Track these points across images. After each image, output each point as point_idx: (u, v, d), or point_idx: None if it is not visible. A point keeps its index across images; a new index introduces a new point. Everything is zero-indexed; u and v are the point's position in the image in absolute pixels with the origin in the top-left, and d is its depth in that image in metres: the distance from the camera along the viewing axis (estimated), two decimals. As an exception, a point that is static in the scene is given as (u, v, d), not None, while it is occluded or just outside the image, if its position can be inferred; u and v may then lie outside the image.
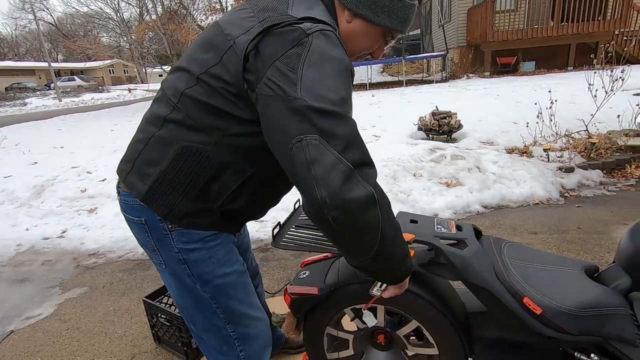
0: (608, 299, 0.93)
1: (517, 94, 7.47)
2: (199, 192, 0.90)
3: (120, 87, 31.13)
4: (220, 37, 0.84)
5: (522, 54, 11.82)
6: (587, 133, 4.21)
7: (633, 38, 10.81)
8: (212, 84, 0.83)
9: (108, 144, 6.11)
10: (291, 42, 0.75)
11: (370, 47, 0.94)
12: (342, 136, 0.72)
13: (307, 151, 0.70)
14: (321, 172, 0.69)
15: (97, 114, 11.99)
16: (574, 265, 1.06)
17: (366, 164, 0.74)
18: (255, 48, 0.77)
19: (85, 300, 2.32)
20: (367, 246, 0.78)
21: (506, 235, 2.72)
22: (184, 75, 0.89)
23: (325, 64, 0.74)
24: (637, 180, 3.54)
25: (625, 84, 4.19)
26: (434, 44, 16.01)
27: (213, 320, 1.02)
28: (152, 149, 0.91)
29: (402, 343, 1.23)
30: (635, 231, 1.00)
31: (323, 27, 0.77)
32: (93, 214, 3.53)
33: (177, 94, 0.88)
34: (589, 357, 0.96)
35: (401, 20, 0.89)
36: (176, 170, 0.88)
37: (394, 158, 4.06)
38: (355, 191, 0.70)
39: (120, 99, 19.91)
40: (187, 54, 0.93)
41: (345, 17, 0.88)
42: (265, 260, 2.62)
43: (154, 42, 16.87)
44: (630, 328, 0.91)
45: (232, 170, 0.90)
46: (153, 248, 0.97)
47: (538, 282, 0.97)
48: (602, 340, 0.93)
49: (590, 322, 0.91)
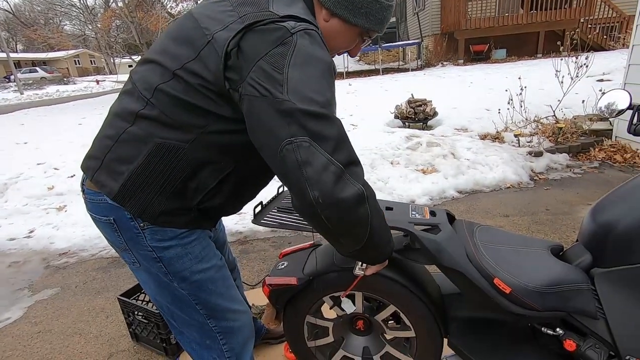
0: (571, 276, 0.98)
1: (489, 81, 7.66)
2: (175, 190, 0.87)
3: (88, 79, 29.66)
4: (196, 31, 0.81)
5: (494, 42, 12.10)
6: (554, 118, 4.38)
7: (597, 26, 11.25)
8: (189, 80, 0.80)
9: (76, 139, 5.84)
10: (275, 40, 0.74)
11: (348, 46, 0.94)
12: (331, 137, 0.73)
13: (298, 153, 0.71)
14: (313, 173, 0.70)
15: (63, 107, 11.42)
16: (540, 245, 1.10)
17: (354, 163, 0.76)
18: (237, 46, 0.75)
19: (57, 302, 2.23)
20: (358, 238, 0.82)
21: (480, 218, 2.82)
22: (157, 69, 0.84)
23: (310, 65, 0.74)
24: (600, 162, 3.73)
25: (590, 71, 4.37)
26: (409, 32, 16.10)
27: (194, 315, 1.00)
28: (123, 146, 0.86)
29: (381, 327, 1.26)
30: (595, 211, 1.05)
31: (307, 27, 0.76)
32: (62, 211, 3.38)
33: (150, 89, 0.84)
34: (555, 331, 1.01)
35: (378, 21, 0.89)
36: (151, 168, 0.84)
37: (371, 147, 4.09)
38: (347, 190, 0.72)
39: (88, 91, 18.96)
40: (158, 46, 0.89)
41: (323, 16, 0.88)
42: (244, 253, 2.60)
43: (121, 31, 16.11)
44: (591, 302, 0.96)
45: (211, 168, 0.87)
46: (124, 247, 0.94)
47: (507, 263, 1.01)
48: (566, 315, 0.98)
49: (555, 298, 0.95)
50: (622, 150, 3.77)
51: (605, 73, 6.66)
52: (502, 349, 1.13)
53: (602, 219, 1.01)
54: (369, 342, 1.30)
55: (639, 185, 1.00)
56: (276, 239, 2.76)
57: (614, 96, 1.21)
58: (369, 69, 14.65)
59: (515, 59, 11.56)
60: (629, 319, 0.93)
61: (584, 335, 0.99)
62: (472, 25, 11.46)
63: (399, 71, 12.72)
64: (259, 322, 1.62)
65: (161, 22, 13.17)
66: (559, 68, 4.32)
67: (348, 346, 1.31)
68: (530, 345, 1.12)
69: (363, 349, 1.30)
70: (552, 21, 11.24)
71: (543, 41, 11.63)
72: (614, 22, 11.49)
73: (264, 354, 1.64)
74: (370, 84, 9.78)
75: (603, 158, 3.77)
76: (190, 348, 1.08)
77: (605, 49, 10.75)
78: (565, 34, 7.12)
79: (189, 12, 0.89)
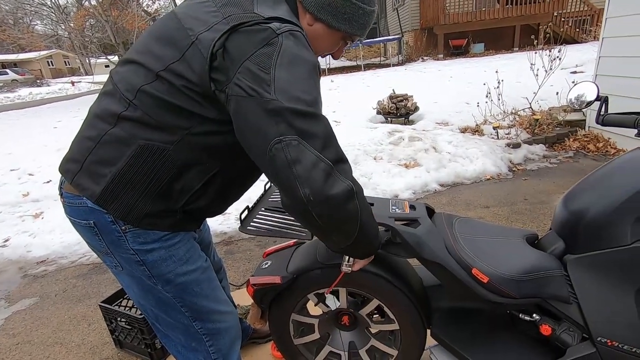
0: (545, 263, 1.01)
1: (468, 75, 7.80)
2: (160, 192, 0.86)
3: (62, 80, 28.66)
4: (180, 32, 0.80)
5: (472, 36, 12.30)
6: (531, 110, 4.50)
7: (570, 19, 11.58)
8: (173, 82, 0.80)
9: (51, 143, 5.66)
10: (261, 41, 0.74)
11: (331, 49, 0.96)
12: (319, 135, 0.74)
13: (287, 152, 0.71)
14: (303, 171, 0.71)
15: (37, 110, 11.04)
16: (516, 235, 1.14)
17: (342, 161, 0.77)
18: (222, 47, 0.75)
19: (36, 311, 2.17)
20: (349, 234, 0.83)
21: (461, 210, 2.87)
22: (139, 70, 0.83)
23: (296, 66, 0.75)
24: (574, 152, 3.86)
25: (564, 63, 4.51)
26: (389, 27, 16.20)
27: (179, 318, 0.99)
28: (105, 148, 0.84)
29: (366, 322, 1.27)
30: (566, 200, 1.09)
31: (292, 28, 0.77)
32: (39, 219, 3.27)
33: (132, 90, 0.83)
34: (532, 317, 1.05)
35: (361, 26, 0.91)
36: (134, 170, 0.83)
37: (354, 143, 4.11)
38: (337, 187, 0.73)
39: (63, 93, 18.36)
40: (140, 46, 0.87)
41: (307, 20, 0.89)
42: (229, 253, 2.58)
43: (96, 30, 15.59)
44: (564, 288, 1.00)
45: (196, 169, 0.87)
46: (106, 251, 0.92)
47: (485, 253, 1.04)
48: (541, 301, 1.01)
49: (530, 285, 0.99)
50: (595, 140, 3.91)
51: (579, 65, 6.87)
52: (483, 336, 1.16)
53: (573, 207, 1.05)
54: (354, 336, 1.32)
55: (607, 174, 1.04)
56: (261, 238, 2.75)
57: (583, 88, 1.25)
58: (351, 65, 14.69)
59: (493, 52, 11.80)
60: (600, 303, 0.97)
61: (559, 319, 1.03)
62: (451, 20, 11.62)
63: (381, 67, 12.80)
64: (245, 323, 1.61)
65: (137, 21, 12.82)
66: (533, 61, 4.43)
67: (334, 342, 1.33)
68: (509, 332, 1.16)
69: (349, 343, 1.31)
70: (527, 15, 11.51)
71: (519, 35, 11.91)
72: (585, 16, 11.86)
73: (251, 354, 1.63)
74: (352, 80, 9.81)
75: (577, 148, 3.89)
76: (176, 351, 1.07)
77: (578, 42, 11.09)
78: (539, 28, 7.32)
79: (172, 12, 0.88)
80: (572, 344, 1.00)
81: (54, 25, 15.98)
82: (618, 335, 0.94)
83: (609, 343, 0.95)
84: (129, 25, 13.29)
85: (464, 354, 1.12)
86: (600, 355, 0.97)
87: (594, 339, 0.97)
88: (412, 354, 1.24)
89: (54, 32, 16.58)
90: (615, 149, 3.70)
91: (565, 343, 1.01)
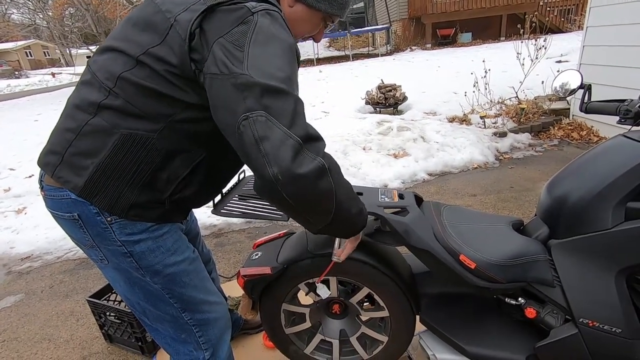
0: (529, 249, 1.03)
1: (456, 65, 7.83)
2: (146, 182, 0.84)
3: (42, 72, 27.74)
4: (158, 16, 0.79)
5: (460, 26, 12.32)
6: (517, 99, 4.56)
7: (555, 9, 11.67)
8: (154, 67, 0.78)
9: (32, 137, 5.50)
10: (236, 19, 0.74)
11: (312, 30, 0.96)
12: (288, 112, 0.71)
13: (254, 128, 0.69)
14: (270, 148, 0.68)
15: (16, 103, 10.68)
16: (502, 221, 1.16)
17: (313, 138, 0.73)
18: (199, 26, 0.75)
19: (22, 308, 2.13)
20: (325, 212, 0.80)
21: (449, 198, 2.91)
22: (119, 57, 0.81)
23: (271, 43, 0.74)
24: (559, 140, 3.93)
25: (549, 52, 4.56)
26: (377, 16, 16.09)
27: (168, 310, 0.99)
28: (86, 139, 0.82)
29: (356, 310, 1.29)
30: (550, 186, 1.12)
31: (268, 7, 0.77)
32: (22, 214, 3.20)
33: (112, 78, 0.81)
34: (517, 300, 1.08)
35: (340, 6, 0.93)
36: (118, 160, 0.81)
37: (343, 133, 4.11)
38: (306, 165, 0.70)
39: (43, 85, 17.73)
40: (118, 33, 0.85)
41: (287, 2, 0.89)
42: (219, 245, 2.57)
43: (76, 19, 15.07)
44: (548, 271, 1.02)
45: (181, 157, 0.86)
46: (91, 244, 0.90)
47: (472, 240, 1.05)
48: (526, 285, 1.04)
49: (516, 270, 1.01)
50: (578, 128, 3.99)
51: (564, 54, 6.97)
52: (471, 321, 1.19)
53: (556, 193, 1.07)
54: (345, 324, 1.34)
55: (589, 161, 1.06)
56: (251, 229, 2.75)
57: (567, 76, 1.27)
58: (339, 55, 14.57)
59: (480, 42, 11.86)
60: (582, 285, 1.00)
61: (543, 302, 1.06)
62: (438, 10, 11.61)
63: (369, 57, 12.74)
64: (236, 314, 1.62)
65: (119, 9, 12.45)
66: (519, 50, 4.47)
67: (325, 330, 1.34)
68: (496, 316, 1.19)
69: (340, 331, 1.33)
70: (513, 4, 11.57)
71: (506, 24, 11.98)
72: (570, 5, 11.98)
73: (243, 344, 1.64)
74: (341, 70, 9.75)
75: (562, 136, 3.97)
76: (165, 343, 1.07)
77: (563, 31, 11.22)
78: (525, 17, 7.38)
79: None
80: (556, 326, 1.03)
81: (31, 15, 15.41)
82: (598, 315, 0.98)
83: (590, 324, 0.99)
84: (111, 14, 12.90)
85: (452, 338, 1.14)
86: (582, 336, 1.00)
87: (576, 320, 1.00)
88: (402, 340, 1.26)
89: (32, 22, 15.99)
90: (598, 137, 3.79)
91: (549, 325, 1.04)
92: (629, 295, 0.97)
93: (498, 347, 1.11)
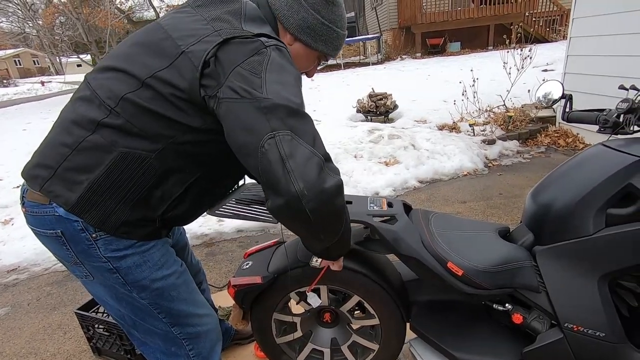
0: (515, 255, 1.06)
1: (445, 74, 7.97)
2: (139, 200, 0.85)
3: (31, 80, 27.48)
4: (168, 42, 0.82)
5: (449, 35, 12.55)
6: (505, 107, 4.65)
7: (540, 19, 11.99)
8: (160, 90, 0.80)
9: (21, 146, 5.43)
10: (251, 51, 0.79)
11: (307, 67, 1.03)
12: (310, 133, 0.76)
13: (281, 146, 0.72)
14: (296, 165, 0.71)
15: (4, 112, 10.54)
16: (489, 229, 1.18)
17: (329, 158, 0.80)
18: (214, 55, 0.78)
19: (8, 322, 2.08)
20: (336, 230, 0.84)
21: (439, 206, 2.95)
22: (123, 77, 0.82)
23: (284, 73, 0.79)
24: (546, 147, 4.01)
25: (535, 61, 4.68)
26: (368, 26, 16.32)
27: (157, 324, 0.98)
28: (83, 154, 0.82)
29: (347, 318, 1.29)
30: (534, 194, 1.15)
31: (277, 43, 0.83)
32: (8, 225, 3.14)
33: (114, 98, 0.82)
34: (504, 306, 1.10)
35: (335, 47, 1.00)
36: (113, 178, 0.82)
37: (335, 141, 4.14)
38: (329, 181, 0.74)
39: (32, 94, 17.54)
40: (122, 54, 0.86)
41: (287, 40, 0.94)
42: (211, 255, 2.56)
43: (66, 28, 15.00)
44: (534, 277, 1.05)
45: (176, 176, 0.87)
46: (75, 261, 0.89)
47: (459, 247, 1.07)
48: (513, 291, 1.06)
49: (502, 276, 1.03)
50: (564, 135, 4.07)
51: (549, 63, 7.14)
52: (460, 327, 1.20)
53: (540, 201, 1.10)
54: (336, 333, 1.34)
55: (570, 168, 1.09)
56: (243, 239, 2.74)
57: (549, 87, 1.31)
58: (331, 63, 14.70)
59: (469, 51, 12.08)
60: (566, 290, 1.02)
61: (529, 308, 1.08)
62: (428, 20, 11.82)
63: (360, 65, 12.88)
64: (227, 324, 1.61)
65: (110, 19, 12.42)
66: (506, 60, 4.57)
67: (316, 339, 1.34)
68: (484, 322, 1.20)
69: (331, 340, 1.33)
70: (500, 15, 11.85)
71: (493, 34, 12.24)
72: (555, 15, 12.30)
73: (235, 355, 1.63)
74: (333, 78, 9.83)
75: (548, 143, 4.05)
76: (155, 358, 1.06)
77: (549, 41, 11.51)
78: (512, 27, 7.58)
79: (156, 22, 0.89)
80: (542, 331, 1.05)
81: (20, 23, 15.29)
82: (583, 320, 1.00)
83: (574, 328, 1.01)
84: (102, 23, 12.85)
85: (442, 345, 1.15)
86: (567, 340, 1.02)
87: (562, 325, 1.02)
88: (392, 348, 1.27)
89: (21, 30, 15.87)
90: (584, 144, 3.87)
91: (535, 330, 1.06)
92: (612, 300, 0.99)
93: (487, 353, 1.12)
